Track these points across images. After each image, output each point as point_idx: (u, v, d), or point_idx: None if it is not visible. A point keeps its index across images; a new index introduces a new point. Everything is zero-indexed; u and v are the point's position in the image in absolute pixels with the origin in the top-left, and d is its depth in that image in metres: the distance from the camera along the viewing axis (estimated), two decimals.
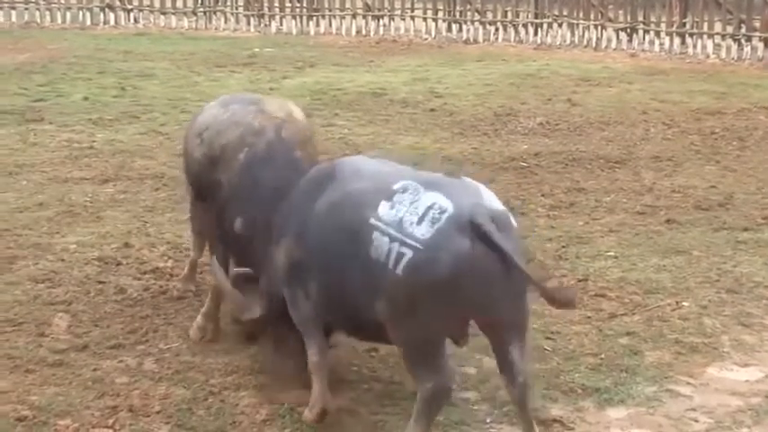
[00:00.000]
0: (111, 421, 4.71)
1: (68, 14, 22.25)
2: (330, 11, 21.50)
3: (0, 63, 15.83)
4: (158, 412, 4.82)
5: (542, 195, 8.73)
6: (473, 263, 4.04)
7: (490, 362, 5.35)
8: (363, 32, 20.98)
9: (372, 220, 4.21)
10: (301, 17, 21.57)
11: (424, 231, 4.08)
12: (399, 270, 4.09)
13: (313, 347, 4.73)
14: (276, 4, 21.89)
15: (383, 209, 4.22)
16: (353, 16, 21.34)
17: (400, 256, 4.09)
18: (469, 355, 5.43)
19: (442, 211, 4.09)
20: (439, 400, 4.31)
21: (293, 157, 5.10)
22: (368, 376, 5.26)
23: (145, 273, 6.66)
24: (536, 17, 20.00)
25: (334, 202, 4.47)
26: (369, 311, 4.27)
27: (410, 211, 4.14)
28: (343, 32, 21.08)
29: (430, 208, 4.12)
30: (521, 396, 4.37)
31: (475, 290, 4.09)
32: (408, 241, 4.08)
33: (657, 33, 18.72)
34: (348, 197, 4.42)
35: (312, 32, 21.15)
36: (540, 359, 5.46)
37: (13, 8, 22.17)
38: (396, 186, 4.28)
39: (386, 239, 4.14)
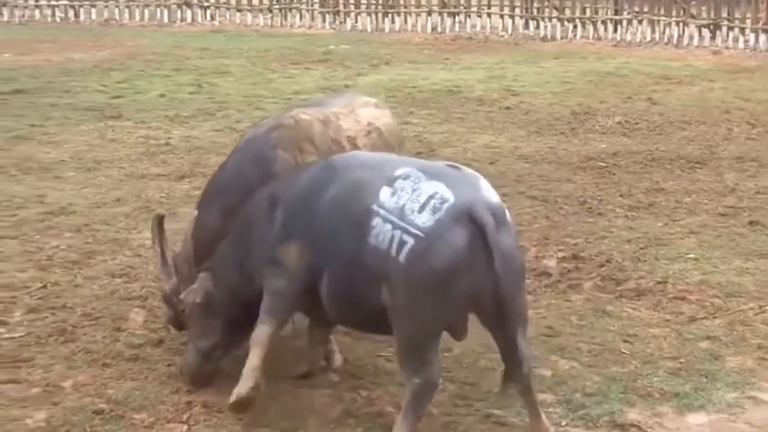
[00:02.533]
0: (185, 416, 4.71)
1: (147, 12, 22.54)
2: (405, 8, 21.46)
3: (80, 60, 16.07)
4: None
5: (620, 196, 8.58)
6: (471, 254, 4.09)
7: (566, 364, 5.34)
8: (439, 29, 20.91)
9: (374, 206, 4.25)
10: (376, 14, 21.57)
11: (425, 220, 4.13)
12: (402, 257, 4.13)
13: (269, 325, 4.64)
14: (351, 1, 21.93)
15: (384, 195, 4.26)
16: (429, 13, 21.27)
17: (402, 243, 4.13)
18: (544, 357, 5.38)
19: (444, 201, 4.14)
20: (427, 395, 4.35)
21: (263, 156, 5.08)
22: (442, 376, 5.16)
23: None
24: (616, 14, 19.76)
25: (337, 194, 4.46)
26: (373, 299, 4.28)
27: (412, 199, 4.19)
28: (419, 29, 21.03)
29: (431, 197, 4.17)
30: (525, 385, 4.42)
31: (473, 281, 4.13)
32: (411, 229, 4.13)
33: (742, 30, 18.35)
34: (350, 186, 4.43)
35: (387, 29, 21.14)
36: (617, 362, 5.38)
37: (94, 6, 22.51)
38: (397, 173, 4.31)
39: (388, 226, 4.18)
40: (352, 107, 5.52)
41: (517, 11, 20.69)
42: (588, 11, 20.07)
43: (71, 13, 22.34)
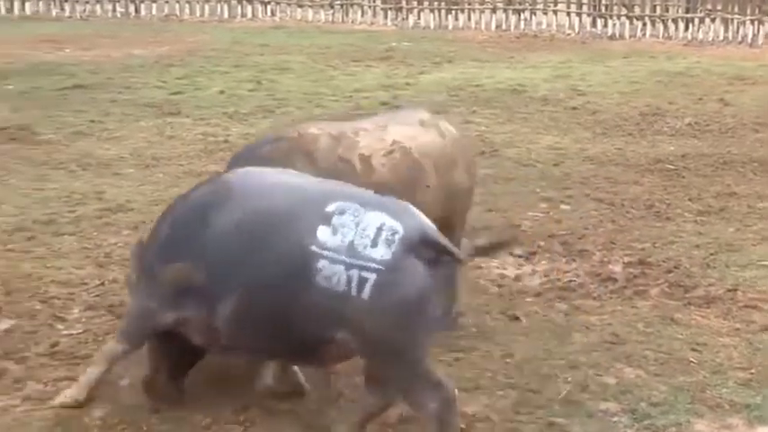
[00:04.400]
0: (241, 417, 4.67)
1: (207, 7, 22.61)
2: (469, 4, 21.27)
3: (140, 56, 16.14)
4: (288, 411, 4.76)
5: (690, 200, 8.37)
6: (434, 280, 4.02)
7: (631, 372, 5.23)
8: (503, 27, 20.69)
9: (314, 248, 4.05)
10: (440, 11, 21.40)
11: (382, 253, 3.99)
12: (365, 295, 3.98)
13: (120, 345, 4.64)
14: None
15: (324, 235, 4.07)
16: (493, 10, 21.07)
17: (363, 280, 3.98)
18: (609, 365, 5.26)
19: (394, 233, 4.02)
20: (451, 412, 4.17)
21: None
22: (503, 383, 5.10)
23: None
24: (687, 12, 19.38)
25: (241, 221, 4.24)
26: (316, 339, 4.15)
27: (360, 234, 4.02)
28: (483, 27, 20.83)
29: (380, 230, 4.03)
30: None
31: (436, 306, 4.08)
32: (369, 265, 3.98)
33: None
34: (263, 217, 4.22)
35: (450, 27, 20.97)
36: (684, 371, 5.24)
37: (154, 1, 22.65)
38: (330, 209, 4.12)
39: (340, 267, 4.01)
40: (386, 124, 5.42)
41: (584, 8, 20.38)
42: (658, 9, 19.70)
43: (131, 8, 22.48)
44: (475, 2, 21.11)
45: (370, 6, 21.99)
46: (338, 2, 22.14)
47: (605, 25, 19.96)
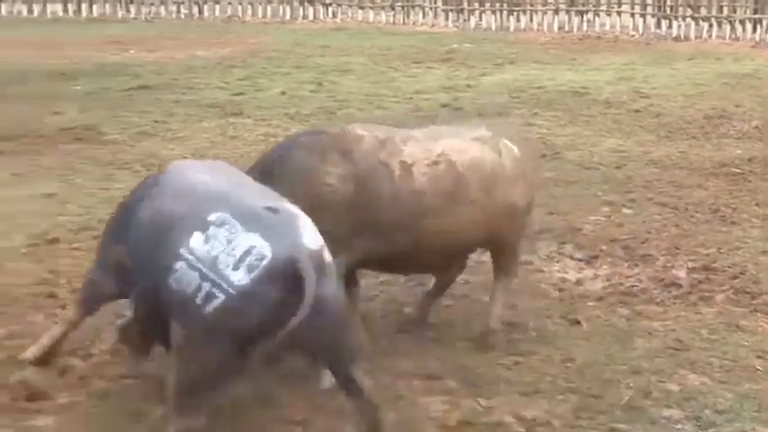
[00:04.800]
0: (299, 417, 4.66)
1: (269, 9, 22.77)
2: (531, 6, 21.17)
3: (203, 57, 16.30)
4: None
5: (756, 204, 8.23)
6: (284, 310, 3.87)
7: (695, 379, 5.14)
8: (566, 28, 20.57)
9: (182, 251, 4.04)
10: (501, 12, 21.34)
11: (240, 278, 3.91)
12: (208, 310, 3.93)
13: (74, 310, 5.01)
14: None
15: (196, 241, 4.04)
16: (556, 11, 20.96)
17: (211, 296, 3.93)
18: (672, 371, 5.19)
19: (261, 258, 3.91)
20: None
21: (283, 153, 5.19)
22: (563, 387, 5.04)
23: None
24: (755, 12, 19.10)
25: (150, 215, 4.34)
26: (166, 329, 4.16)
27: (227, 252, 3.96)
28: (545, 28, 20.72)
29: (248, 253, 3.93)
30: (369, 417, 4.28)
31: (272, 337, 3.96)
32: (223, 285, 3.92)
33: None
34: (161, 215, 4.27)
35: (512, 28, 20.89)
36: (750, 379, 5.15)
37: (217, 2, 22.86)
38: (211, 217, 4.08)
39: (195, 274, 3.98)
40: (439, 135, 5.35)
41: (649, 9, 20.20)
42: (725, 9, 19.45)
43: (195, 10, 22.72)
44: (537, 3, 21.00)
45: (431, 8, 21.96)
46: (399, 3, 22.15)
47: (670, 26, 19.74)
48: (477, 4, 21.68)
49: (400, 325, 5.76)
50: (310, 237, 4.09)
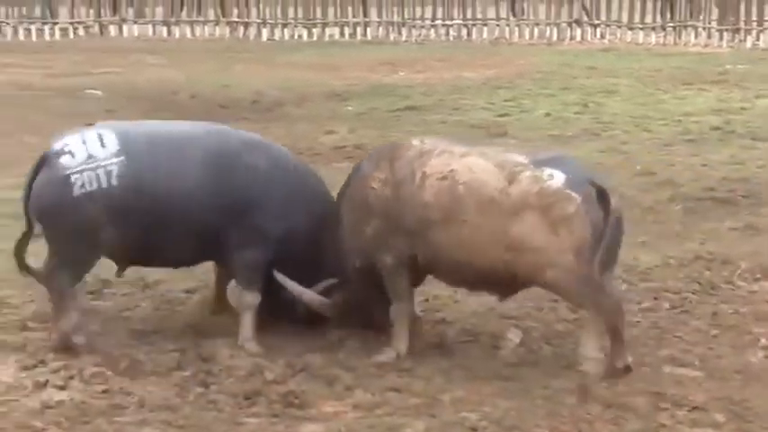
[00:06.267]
0: None
1: (536, 30, 22.79)
2: None
3: (469, 78, 16.50)
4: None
5: None
6: None
7: None
8: None
9: None
10: None
11: None
12: None
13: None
14: (754, 18, 20.86)
15: None
16: None
17: None
18: None
19: None
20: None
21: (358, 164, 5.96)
22: None
23: None
24: None
25: None
26: None
27: None
28: None
29: None
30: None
31: None
32: None
33: None
34: None
35: None
36: None
37: (485, 24, 23.10)
38: None
39: None
40: (468, 152, 5.40)
41: None
42: None
43: (464, 32, 23.06)
44: None
45: (704, 28, 21.29)
46: (671, 24, 21.61)
47: None
48: (755, 24, 20.79)
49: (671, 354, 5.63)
50: None
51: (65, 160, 5.41)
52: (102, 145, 5.45)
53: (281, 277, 5.64)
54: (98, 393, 5.02)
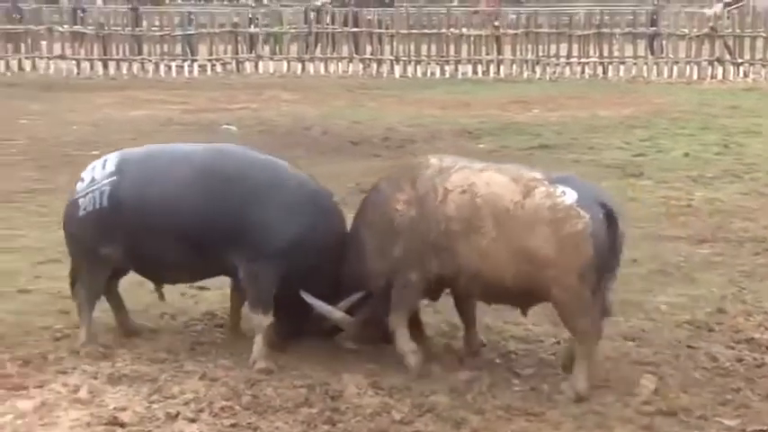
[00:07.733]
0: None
1: (675, 69, 22.39)
2: None
3: (605, 116, 16.28)
4: None
5: None
6: None
7: None
8: None
9: None
10: None
11: None
12: None
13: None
14: None
15: None
16: None
17: None
18: None
19: None
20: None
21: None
22: None
23: (738, 342, 6.29)
24: None
25: None
26: None
27: None
28: None
29: None
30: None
31: None
32: None
33: None
34: None
35: None
36: None
37: (623, 63, 22.80)
38: None
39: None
40: (486, 168, 5.58)
41: None
42: None
43: (599, 70, 22.81)
44: None
45: None
46: None
47: None
48: None
49: None
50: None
51: (78, 186, 5.93)
52: (103, 167, 5.86)
53: (308, 297, 5.74)
54: (226, 427, 5.06)
